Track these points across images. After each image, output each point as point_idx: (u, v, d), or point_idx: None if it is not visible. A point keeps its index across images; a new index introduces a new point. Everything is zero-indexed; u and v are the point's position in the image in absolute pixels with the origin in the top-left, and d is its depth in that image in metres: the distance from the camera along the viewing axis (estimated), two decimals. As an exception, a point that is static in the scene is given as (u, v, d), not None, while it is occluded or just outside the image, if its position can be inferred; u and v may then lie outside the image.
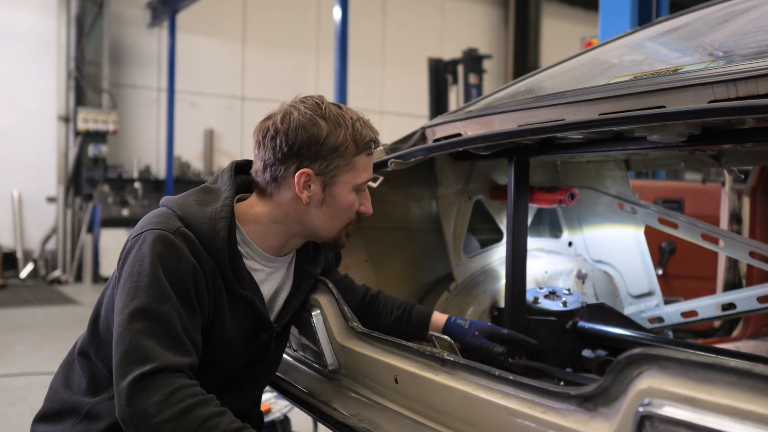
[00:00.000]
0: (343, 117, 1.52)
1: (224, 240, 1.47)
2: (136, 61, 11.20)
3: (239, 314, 1.56)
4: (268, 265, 1.62)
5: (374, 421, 1.54)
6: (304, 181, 1.51)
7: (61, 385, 1.60)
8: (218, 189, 1.57)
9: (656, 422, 0.93)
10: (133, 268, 1.39)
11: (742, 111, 1.29)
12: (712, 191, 4.21)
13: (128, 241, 1.46)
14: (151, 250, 1.39)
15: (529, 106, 1.90)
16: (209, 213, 1.49)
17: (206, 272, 1.46)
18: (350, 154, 1.52)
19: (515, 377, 1.23)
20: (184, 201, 1.52)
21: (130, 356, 1.29)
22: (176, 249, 1.41)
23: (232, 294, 1.52)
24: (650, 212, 2.53)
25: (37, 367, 5.05)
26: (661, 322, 2.59)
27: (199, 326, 1.44)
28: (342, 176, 1.53)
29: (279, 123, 1.50)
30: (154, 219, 1.47)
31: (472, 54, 8.90)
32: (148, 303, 1.34)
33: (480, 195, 2.43)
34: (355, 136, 1.52)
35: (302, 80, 12.56)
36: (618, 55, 2.31)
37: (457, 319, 1.89)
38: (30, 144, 10.21)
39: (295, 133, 1.48)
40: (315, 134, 1.48)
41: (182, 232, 1.44)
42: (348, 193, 1.56)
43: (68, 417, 1.54)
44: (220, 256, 1.47)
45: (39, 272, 10.08)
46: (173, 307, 1.36)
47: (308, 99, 1.54)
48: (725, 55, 1.74)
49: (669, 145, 1.56)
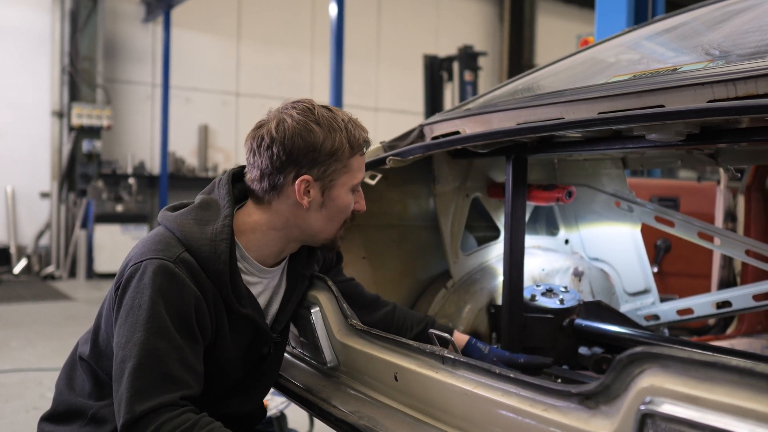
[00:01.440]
0: (335, 120, 1.52)
1: (226, 263, 1.47)
2: (131, 57, 11.16)
3: (240, 331, 1.56)
4: (265, 277, 1.63)
5: (374, 418, 1.54)
6: (305, 187, 1.51)
7: (65, 387, 1.62)
8: (216, 203, 1.55)
9: (658, 420, 0.93)
10: (135, 300, 1.39)
11: (742, 111, 1.29)
12: (707, 189, 4.22)
13: (128, 267, 1.45)
14: (151, 282, 1.39)
15: (528, 105, 1.90)
16: (209, 234, 1.48)
17: (207, 297, 1.46)
18: (346, 156, 1.53)
19: (516, 375, 1.24)
20: (183, 220, 1.51)
21: (122, 399, 1.33)
22: (177, 280, 1.41)
23: (233, 313, 1.53)
24: (647, 210, 2.54)
25: (31, 363, 5.03)
26: (656, 319, 2.60)
27: (200, 354, 1.46)
28: (340, 179, 1.54)
29: (274, 131, 1.49)
30: (154, 246, 1.46)
31: (468, 51, 8.90)
32: (146, 339, 1.35)
33: (477, 192, 2.43)
34: (349, 138, 1.52)
35: (297, 77, 12.54)
36: (616, 54, 2.31)
37: (477, 342, 1.90)
38: (23, 139, 10.16)
39: (291, 141, 1.48)
40: (311, 141, 1.48)
41: (183, 259, 1.44)
42: (346, 194, 1.56)
43: (75, 419, 1.56)
44: (222, 279, 1.47)
45: (33, 268, 10.04)
46: (171, 342, 1.37)
47: (299, 104, 1.53)
48: (724, 54, 1.74)
49: (667, 143, 1.56)
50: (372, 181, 2.15)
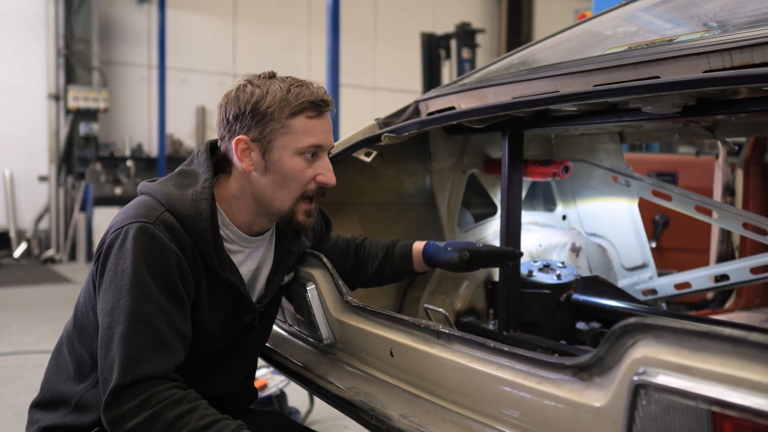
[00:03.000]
0: (281, 84, 1.52)
1: (207, 221, 1.47)
2: (126, 38, 11.08)
3: (220, 296, 1.55)
4: (247, 246, 1.62)
5: (370, 394, 1.54)
6: (242, 149, 1.51)
7: (54, 373, 1.63)
8: (195, 171, 1.55)
9: (651, 391, 0.93)
10: (117, 266, 1.39)
11: (738, 80, 1.28)
12: (705, 164, 4.22)
13: (108, 234, 1.45)
14: (132, 246, 1.39)
15: (523, 78, 1.88)
16: (190, 195, 1.48)
17: (188, 257, 1.46)
18: (284, 116, 1.49)
19: (510, 349, 1.23)
20: (163, 187, 1.51)
21: (113, 364, 1.32)
22: (157, 241, 1.40)
23: (213, 276, 1.52)
24: (644, 185, 2.53)
25: (31, 345, 5.05)
26: (654, 294, 2.60)
27: (187, 315, 1.46)
28: (278, 140, 1.50)
29: (222, 100, 1.55)
30: (134, 210, 1.46)
31: (465, 28, 8.83)
32: (132, 304, 1.35)
33: (474, 169, 2.42)
34: (287, 97, 1.50)
35: (294, 57, 12.47)
36: (612, 26, 2.29)
37: (434, 243, 1.88)
38: (20, 122, 10.12)
39: (232, 103, 1.52)
40: (246, 100, 1.50)
41: (163, 219, 1.44)
42: (289, 158, 1.52)
43: (60, 407, 1.57)
44: (204, 237, 1.47)
45: (32, 251, 10.05)
46: (157, 305, 1.37)
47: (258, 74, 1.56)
48: (720, 24, 1.72)
49: (663, 116, 1.55)
50: (368, 158, 2.14)
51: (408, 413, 1.41)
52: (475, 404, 1.31)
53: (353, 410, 1.54)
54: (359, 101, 12.71)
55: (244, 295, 1.59)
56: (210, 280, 1.52)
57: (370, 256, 1.91)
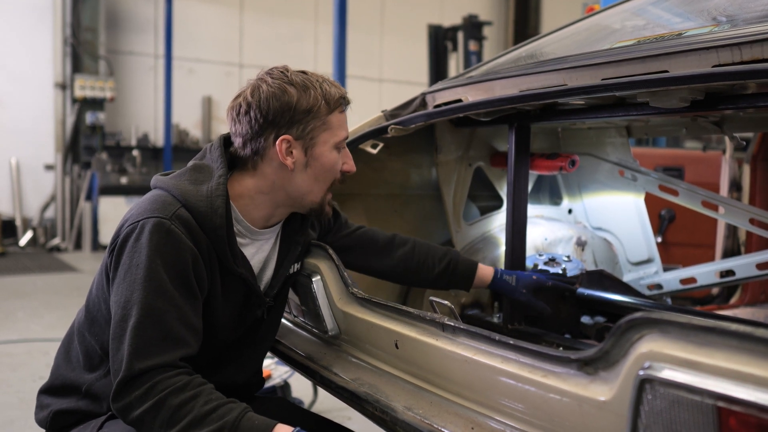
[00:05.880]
0: (309, 80, 1.55)
1: (222, 217, 1.48)
2: (133, 27, 11.08)
3: (232, 290, 1.57)
4: (257, 239, 1.63)
5: (374, 385, 1.54)
6: (286, 147, 1.52)
7: (63, 360, 1.65)
8: (208, 166, 1.56)
9: (656, 385, 0.93)
10: (132, 259, 1.40)
11: (747, 75, 1.27)
12: (712, 159, 4.20)
13: (124, 227, 1.46)
14: (149, 241, 1.40)
15: (531, 71, 1.88)
16: (205, 191, 1.49)
17: (203, 253, 1.47)
18: (323, 113, 1.54)
19: (516, 342, 1.23)
20: (178, 182, 1.52)
21: (123, 356, 1.34)
22: (174, 237, 1.41)
23: (226, 271, 1.54)
24: (651, 179, 2.52)
25: (37, 333, 5.07)
26: (659, 288, 2.60)
27: (199, 310, 1.47)
28: (320, 136, 1.55)
29: (249, 97, 1.53)
30: (150, 205, 1.46)
31: (472, 21, 8.80)
32: (145, 298, 1.36)
33: (480, 162, 2.42)
34: (324, 95, 1.54)
35: (300, 47, 12.44)
36: (620, 20, 2.28)
37: (503, 274, 1.95)
38: (27, 111, 10.14)
39: (267, 103, 1.51)
40: (287, 101, 1.50)
41: (179, 215, 1.45)
42: (329, 152, 1.58)
43: (71, 393, 1.59)
44: (219, 234, 1.48)
45: (38, 240, 10.08)
46: (170, 300, 1.39)
47: (273, 70, 1.56)
48: (729, 19, 1.71)
49: (671, 110, 1.54)
50: (374, 150, 2.13)
51: (412, 405, 1.42)
52: (480, 397, 1.31)
53: (357, 401, 1.54)
54: (366, 93, 12.67)
55: (255, 289, 1.61)
56: (223, 274, 1.53)
57: (428, 263, 1.92)
